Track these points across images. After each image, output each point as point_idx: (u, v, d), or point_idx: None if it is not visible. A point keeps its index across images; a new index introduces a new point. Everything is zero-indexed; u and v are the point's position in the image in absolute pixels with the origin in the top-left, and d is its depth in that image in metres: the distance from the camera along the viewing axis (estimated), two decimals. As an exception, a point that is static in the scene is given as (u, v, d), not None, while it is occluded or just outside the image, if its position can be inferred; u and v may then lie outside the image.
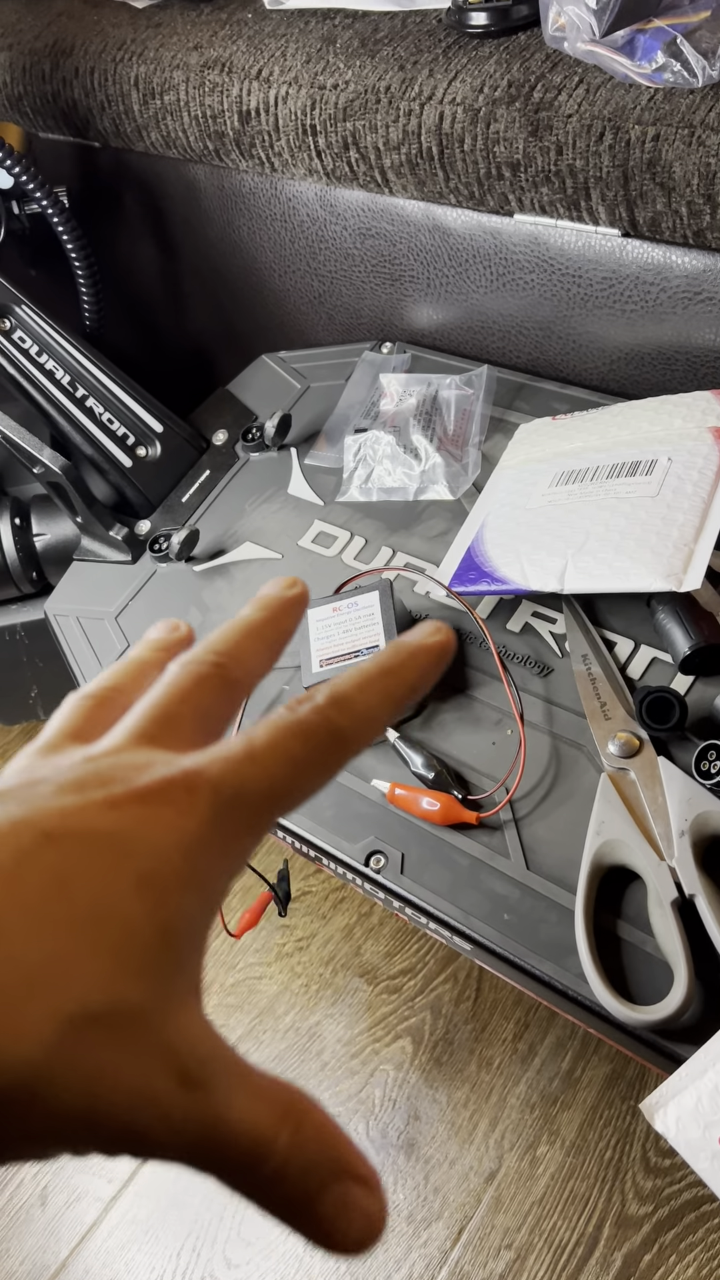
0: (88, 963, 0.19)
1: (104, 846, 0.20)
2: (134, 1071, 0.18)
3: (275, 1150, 0.19)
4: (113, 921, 0.19)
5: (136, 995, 0.19)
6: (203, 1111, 0.19)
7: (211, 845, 0.21)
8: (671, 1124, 0.51)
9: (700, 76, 0.65)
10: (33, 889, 0.19)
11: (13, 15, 1.02)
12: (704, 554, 0.63)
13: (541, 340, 0.84)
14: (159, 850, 0.20)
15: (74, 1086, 0.18)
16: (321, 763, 0.23)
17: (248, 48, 0.85)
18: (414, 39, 0.79)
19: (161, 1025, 0.19)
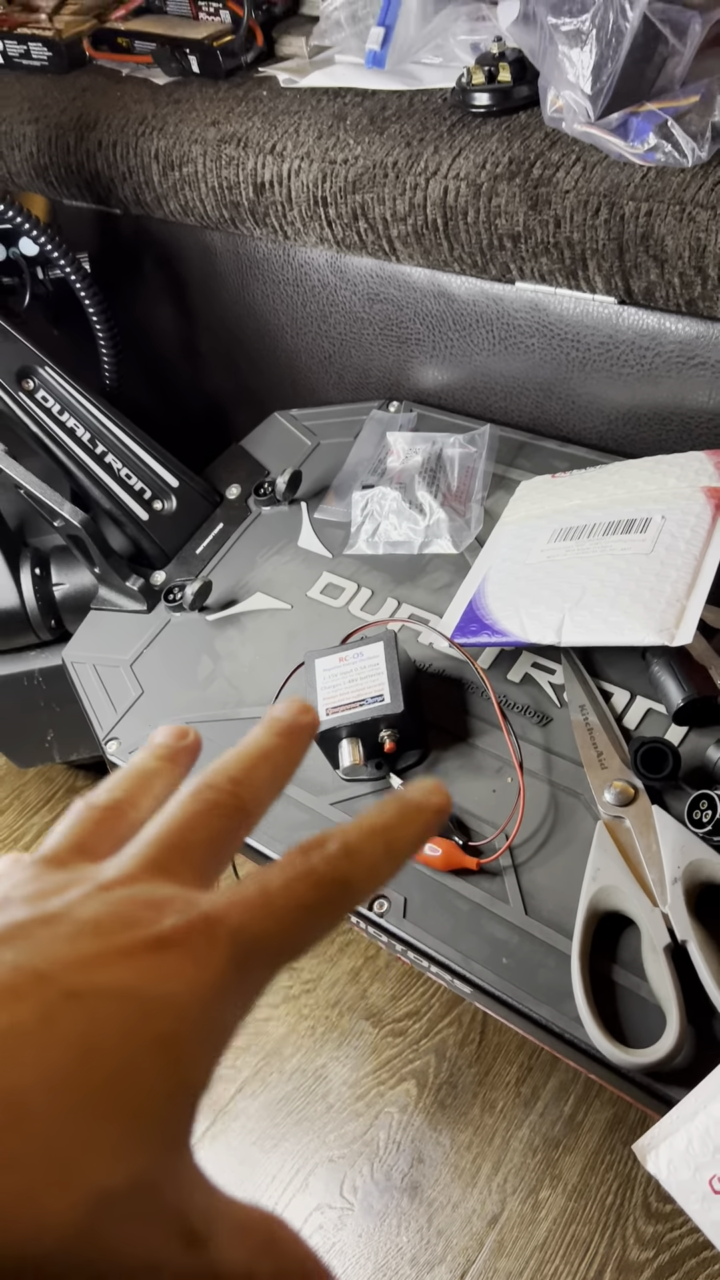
0: (110, 1139, 0.18)
1: (125, 1006, 0.20)
2: (146, 1242, 0.18)
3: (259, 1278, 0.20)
4: (132, 1091, 0.19)
5: (153, 1167, 0.19)
6: (203, 1265, 0.19)
7: (226, 996, 0.21)
8: (663, 1166, 0.53)
9: (690, 157, 0.69)
10: (58, 1058, 0.18)
11: (40, 90, 1.07)
12: (695, 610, 0.65)
13: (542, 400, 0.87)
14: (178, 1007, 0.20)
15: (86, 1265, 0.17)
16: (330, 912, 0.23)
17: (263, 124, 0.89)
18: (420, 117, 0.83)
19: (173, 1191, 0.19)
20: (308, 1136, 0.90)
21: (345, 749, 0.69)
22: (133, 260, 1.06)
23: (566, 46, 0.69)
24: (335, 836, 0.24)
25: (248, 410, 1.05)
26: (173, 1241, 0.19)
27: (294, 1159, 0.89)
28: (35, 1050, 0.18)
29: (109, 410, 0.90)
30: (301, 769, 0.69)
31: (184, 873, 0.24)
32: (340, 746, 0.70)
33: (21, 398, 0.85)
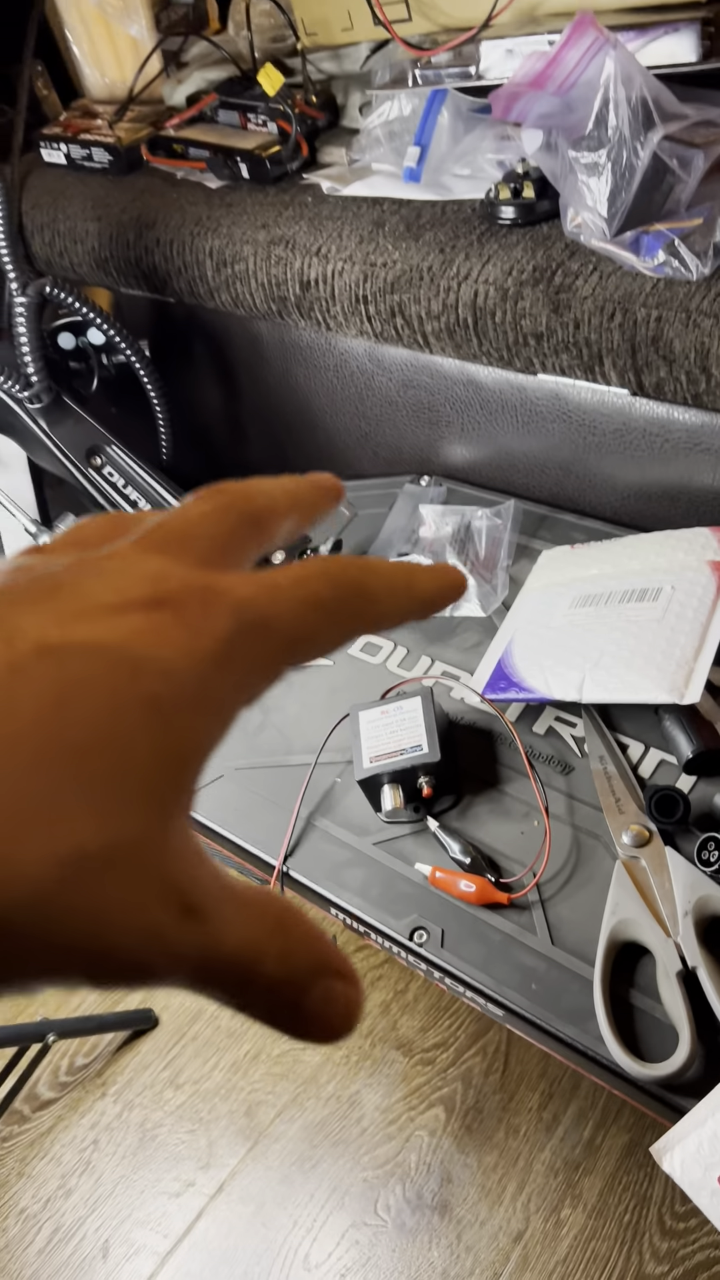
0: (87, 798, 0.17)
1: (110, 662, 0.18)
2: (137, 907, 0.18)
3: (267, 964, 0.19)
4: (115, 750, 0.18)
5: (136, 830, 0.18)
6: (202, 938, 0.18)
7: (225, 670, 0.20)
8: (677, 1166, 0.60)
9: (694, 271, 0.78)
10: (27, 713, 0.17)
11: (102, 190, 1.17)
12: (703, 671, 0.73)
13: (561, 478, 0.96)
14: (169, 670, 0.19)
15: (78, 925, 0.17)
16: (345, 619, 0.22)
17: (309, 228, 0.99)
18: (452, 225, 0.93)
19: (161, 857, 0.18)
20: (343, 1158, 0.96)
21: (387, 793, 0.77)
22: (185, 345, 1.16)
23: (585, 176, 0.79)
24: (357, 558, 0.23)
25: (289, 482, 1.14)
26: (168, 910, 0.18)
27: (330, 1179, 0.95)
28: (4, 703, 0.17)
29: (166, 482, 0.99)
30: (345, 810, 0.78)
31: (185, 559, 0.22)
32: (383, 791, 0.77)
33: (90, 473, 0.95)
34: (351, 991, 0.20)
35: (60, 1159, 1.02)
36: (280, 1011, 0.20)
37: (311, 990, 0.20)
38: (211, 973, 0.19)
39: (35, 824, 0.17)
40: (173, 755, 0.19)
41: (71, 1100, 1.07)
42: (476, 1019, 1.02)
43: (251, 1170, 0.97)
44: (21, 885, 0.16)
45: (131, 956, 0.18)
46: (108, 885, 0.17)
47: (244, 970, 0.19)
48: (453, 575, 0.25)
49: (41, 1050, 1.03)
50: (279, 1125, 0.99)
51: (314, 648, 0.22)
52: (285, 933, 0.20)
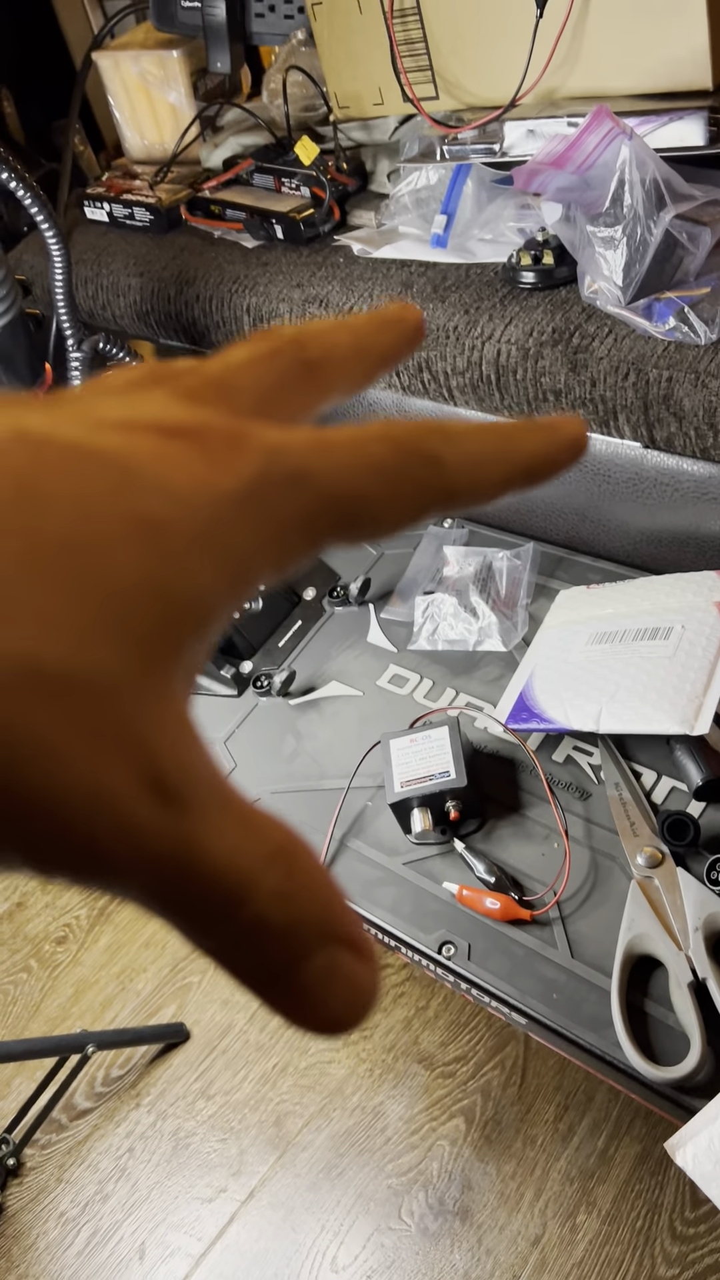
0: (48, 603, 0.14)
1: (100, 467, 0.15)
2: (93, 762, 0.14)
3: (259, 894, 0.15)
4: (92, 560, 0.15)
5: (106, 662, 0.14)
6: (177, 831, 0.15)
7: (247, 517, 0.16)
8: (690, 1160, 0.65)
9: (703, 336, 0.84)
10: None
11: (143, 248, 1.25)
12: (711, 704, 0.79)
13: (578, 523, 1.02)
14: (175, 494, 0.16)
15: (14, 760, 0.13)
16: (410, 486, 0.18)
17: (341, 288, 1.06)
18: (475, 288, 1.00)
19: (135, 711, 0.15)
20: (368, 1166, 1.01)
21: (416, 816, 0.83)
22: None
23: (602, 248, 0.86)
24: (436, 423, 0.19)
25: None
26: (134, 781, 0.14)
27: (356, 1186, 1.00)
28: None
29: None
30: (376, 832, 0.84)
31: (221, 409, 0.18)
32: (412, 814, 0.83)
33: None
34: (365, 971, 0.16)
35: (97, 1165, 1.07)
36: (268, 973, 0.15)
37: (313, 955, 0.15)
38: (183, 885, 0.15)
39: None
40: (166, 593, 0.15)
41: (107, 1110, 1.12)
42: (495, 1034, 1.07)
43: (281, 1177, 1.02)
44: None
45: (80, 827, 0.14)
46: (59, 720, 0.14)
47: (229, 895, 0.15)
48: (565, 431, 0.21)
49: (80, 1061, 1.08)
50: (306, 1135, 1.04)
51: (367, 518, 0.18)
52: (290, 866, 0.16)
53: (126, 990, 1.23)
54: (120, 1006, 1.21)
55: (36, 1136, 1.10)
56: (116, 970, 1.25)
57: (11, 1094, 1.15)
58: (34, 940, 1.31)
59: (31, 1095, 1.09)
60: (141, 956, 1.26)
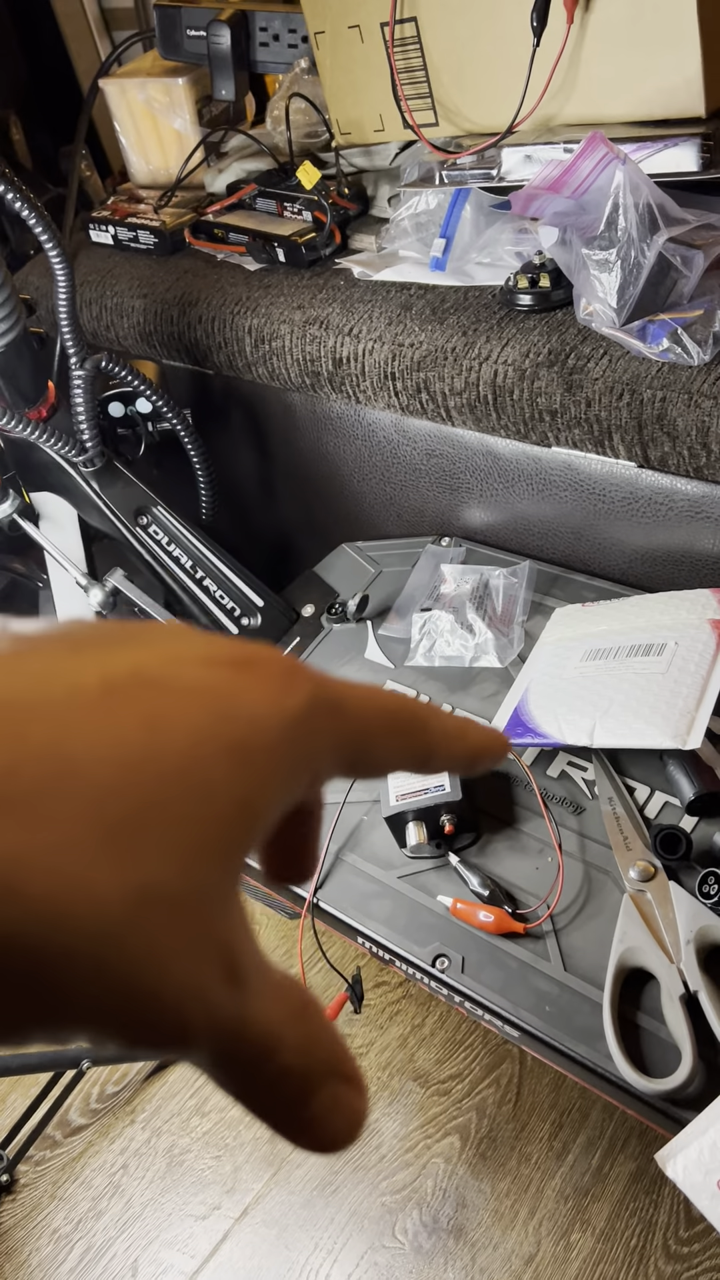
0: (165, 833, 0.17)
1: (203, 701, 0.18)
2: (192, 960, 0.17)
3: (284, 1050, 0.18)
4: (199, 789, 0.17)
5: (206, 878, 0.17)
6: (239, 1008, 0.18)
7: (303, 736, 0.20)
8: (680, 1172, 0.65)
9: (696, 358, 0.86)
10: (120, 732, 0.17)
11: (147, 270, 1.27)
12: (703, 719, 0.80)
13: (573, 541, 1.03)
14: (257, 721, 0.19)
15: (134, 967, 0.16)
16: (402, 732, 0.22)
17: (341, 310, 1.08)
18: (474, 310, 1.02)
19: (221, 915, 0.18)
20: (362, 1184, 1.00)
21: (411, 830, 0.83)
22: (223, 413, 1.25)
23: (597, 271, 0.87)
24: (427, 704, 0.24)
25: (317, 541, 1.22)
26: (215, 969, 0.17)
27: (350, 1204, 0.99)
28: (96, 719, 0.17)
29: (205, 540, 1.07)
30: (372, 846, 0.84)
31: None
32: (407, 828, 0.84)
33: (138, 531, 1.02)
34: (358, 1102, 0.19)
35: (91, 1182, 1.07)
36: (283, 1109, 0.19)
37: (320, 1092, 0.19)
38: (235, 1048, 0.18)
39: (113, 845, 0.16)
40: (249, 808, 0.18)
41: (102, 1126, 1.12)
42: (491, 1051, 1.07)
43: (274, 1195, 1.02)
44: (94, 915, 0.15)
45: (175, 1013, 0.17)
46: (170, 930, 0.16)
47: (263, 1052, 0.18)
48: (500, 741, 0.26)
49: (76, 1076, 1.08)
50: (301, 1152, 1.04)
51: (372, 755, 0.22)
52: (306, 1022, 0.19)
53: (123, 1006, 1.22)
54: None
55: (31, 1152, 1.10)
56: (113, 986, 1.25)
57: (6, 1109, 1.15)
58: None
59: (26, 1110, 1.09)
60: (138, 973, 1.25)
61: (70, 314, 0.95)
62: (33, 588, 1.20)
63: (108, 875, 0.16)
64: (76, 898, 0.15)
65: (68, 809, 0.16)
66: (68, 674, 0.17)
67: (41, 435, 0.95)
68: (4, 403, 0.96)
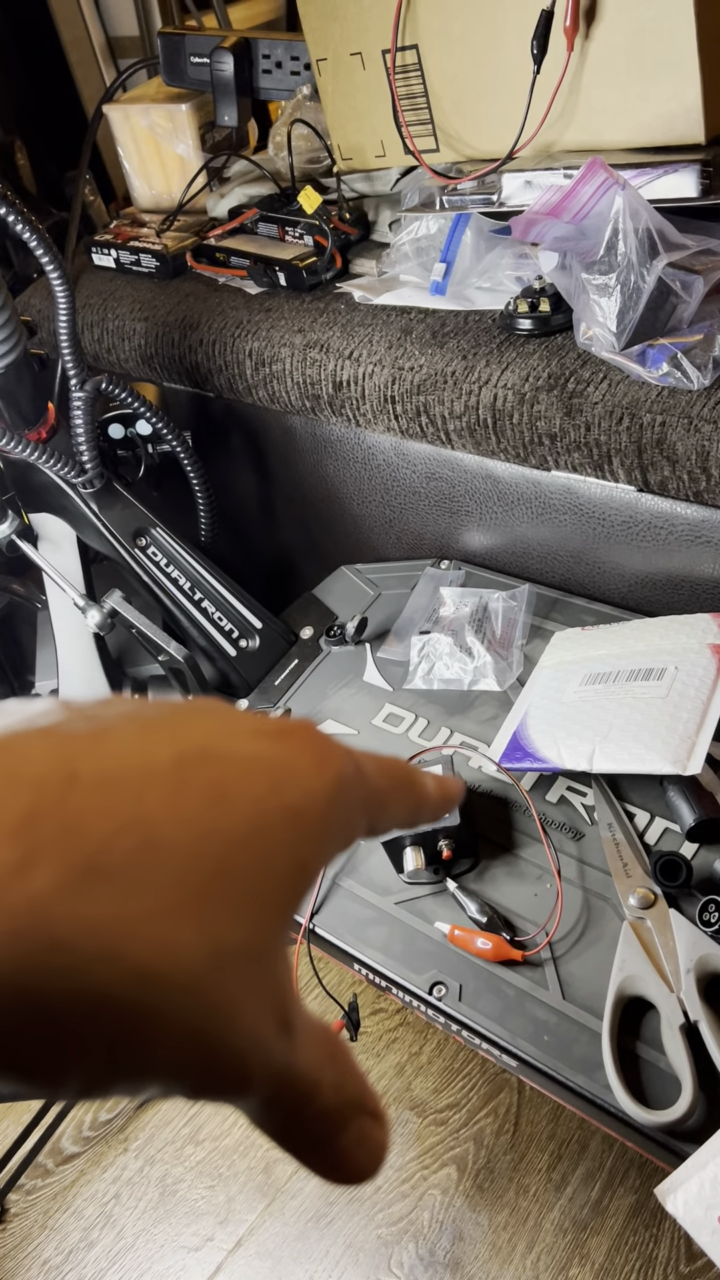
0: (234, 895, 0.18)
1: (260, 771, 0.20)
2: (256, 1011, 0.18)
3: (324, 1091, 0.20)
4: (260, 853, 0.19)
5: (268, 935, 0.19)
6: (289, 1055, 0.19)
7: (341, 802, 0.21)
8: (680, 1206, 0.64)
9: (695, 382, 0.86)
10: (192, 801, 0.18)
11: (148, 293, 1.27)
12: (704, 745, 0.79)
13: (572, 565, 1.03)
14: (307, 788, 0.20)
15: (210, 1019, 0.17)
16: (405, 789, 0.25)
17: (342, 334, 1.08)
18: (474, 334, 1.02)
19: (276, 967, 0.19)
20: (358, 1216, 0.99)
21: (409, 855, 0.83)
22: (223, 436, 1.25)
23: (597, 295, 0.87)
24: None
25: (316, 564, 1.22)
26: (274, 1019, 0.19)
27: (345, 1236, 0.98)
28: (169, 790, 0.18)
29: (204, 561, 1.06)
30: (369, 871, 0.83)
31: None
32: (405, 853, 0.83)
33: (136, 553, 1.02)
34: (381, 1135, 0.21)
35: (82, 1212, 1.05)
36: (316, 1145, 0.20)
37: (348, 1127, 0.20)
38: (284, 1093, 0.19)
39: (193, 908, 0.17)
40: (301, 869, 0.20)
41: (94, 1155, 1.10)
42: (488, 1081, 1.05)
43: (269, 1226, 1.00)
44: (181, 967, 0.17)
45: (242, 1061, 0.18)
46: (241, 983, 0.18)
47: (306, 1094, 0.20)
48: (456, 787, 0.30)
49: (68, 1104, 1.07)
50: (295, 1182, 1.02)
51: (386, 813, 0.25)
52: (340, 1064, 0.21)
53: (117, 1032, 1.21)
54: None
55: (21, 1181, 1.08)
56: (107, 1012, 1.23)
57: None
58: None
59: (17, 1139, 1.07)
60: (133, 998, 1.24)
61: (71, 336, 0.95)
62: (31, 609, 1.20)
63: (190, 935, 0.17)
64: (167, 958, 0.17)
65: (156, 878, 0.17)
66: (143, 752, 0.19)
67: (41, 456, 0.95)
68: (4, 424, 0.96)
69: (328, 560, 1.17)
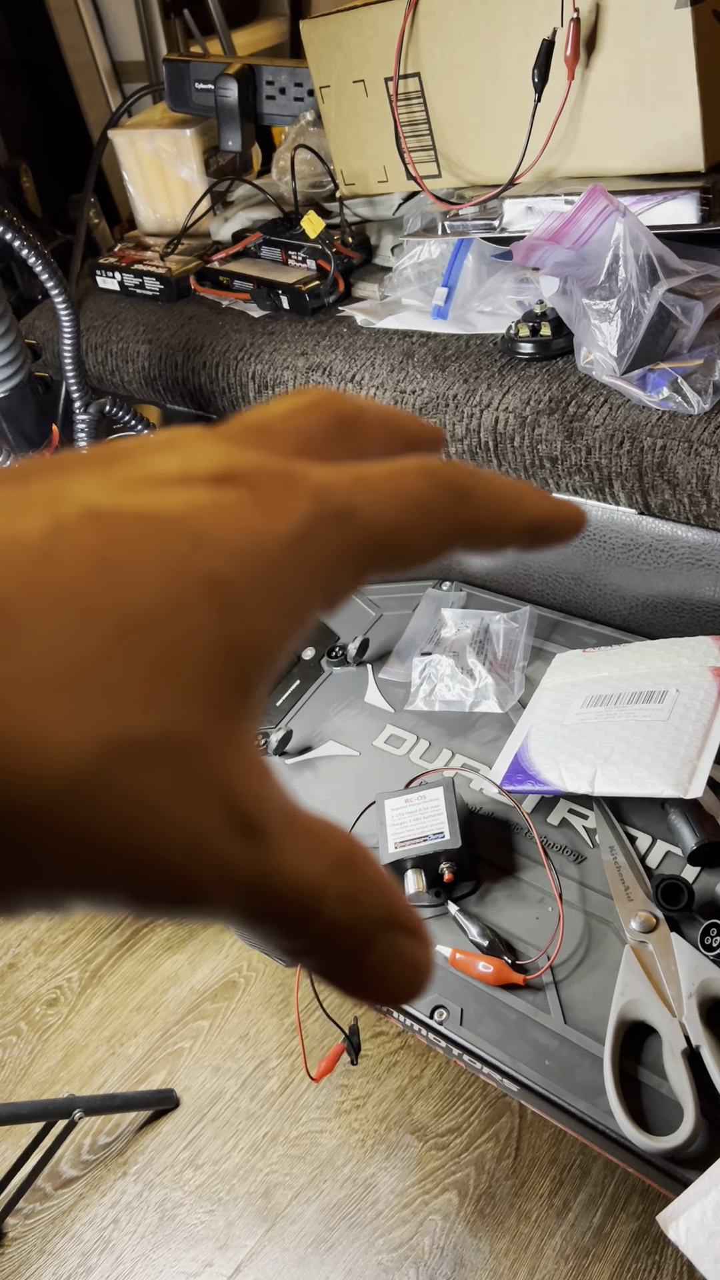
0: (137, 676, 0.15)
1: (168, 534, 0.16)
2: (187, 812, 0.16)
3: (328, 903, 0.17)
4: (170, 628, 0.16)
5: (193, 724, 0.16)
6: (259, 862, 0.17)
7: (300, 558, 0.18)
8: (683, 1234, 0.63)
9: (696, 406, 0.86)
10: (70, 573, 0.15)
11: (152, 315, 1.28)
12: (705, 768, 0.79)
13: (574, 587, 1.03)
14: (237, 549, 0.17)
15: (117, 823, 0.15)
16: (441, 518, 0.20)
17: (344, 356, 1.09)
18: (475, 358, 1.03)
19: (219, 762, 0.16)
20: (358, 1241, 0.98)
21: (410, 878, 0.82)
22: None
23: (597, 320, 0.88)
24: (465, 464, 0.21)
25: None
26: (221, 822, 0.16)
27: (345, 1262, 0.97)
28: (35, 564, 0.15)
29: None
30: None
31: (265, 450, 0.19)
32: (406, 875, 0.83)
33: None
34: (420, 950, 0.19)
35: (81, 1237, 1.05)
36: (339, 964, 0.18)
37: (376, 944, 0.18)
38: (267, 904, 0.17)
39: (72, 697, 0.15)
40: (236, 648, 0.16)
41: (93, 1179, 1.09)
42: (490, 1104, 1.05)
43: (269, 1252, 0.99)
44: (55, 768, 0.14)
45: (177, 870, 0.16)
46: (154, 781, 0.15)
47: (304, 907, 0.17)
48: (570, 509, 0.22)
49: (67, 1127, 1.06)
50: (296, 1207, 1.02)
51: (406, 549, 0.19)
52: (351, 872, 0.18)
53: (116, 1055, 1.21)
54: (110, 1071, 1.19)
55: (20, 1205, 1.08)
56: (107, 1034, 1.23)
57: (-4, 1160, 1.13)
58: (25, 1002, 1.29)
59: (16, 1162, 1.07)
60: (133, 1020, 1.24)
61: (75, 359, 0.95)
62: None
63: (67, 727, 0.14)
64: (32, 753, 0.14)
65: (7, 666, 0.14)
66: (6, 518, 0.16)
67: (44, 478, 0.95)
68: (7, 445, 0.96)
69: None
